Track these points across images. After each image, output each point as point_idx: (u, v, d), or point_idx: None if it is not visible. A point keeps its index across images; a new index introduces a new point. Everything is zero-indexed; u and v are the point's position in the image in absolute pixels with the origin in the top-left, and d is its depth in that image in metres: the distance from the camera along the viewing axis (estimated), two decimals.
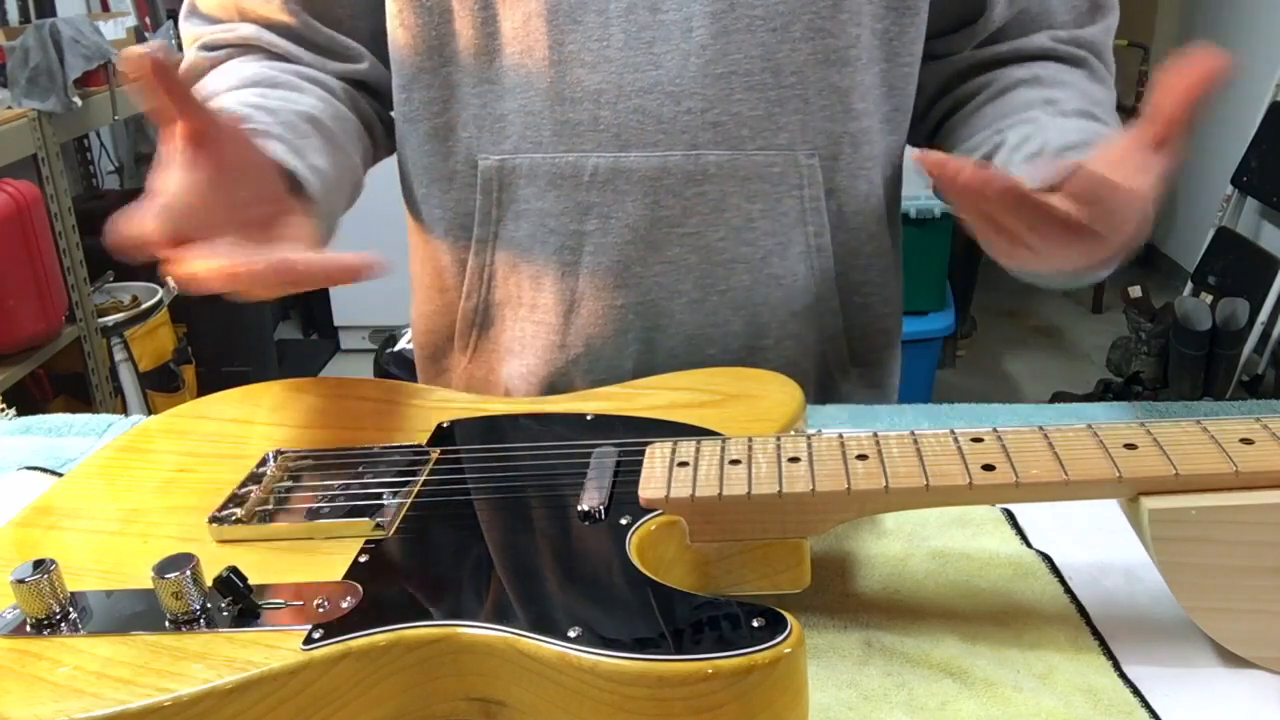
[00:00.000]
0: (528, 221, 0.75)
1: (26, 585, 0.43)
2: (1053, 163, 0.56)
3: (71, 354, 2.36)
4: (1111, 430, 0.48)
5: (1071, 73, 0.76)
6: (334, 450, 0.57)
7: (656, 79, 0.70)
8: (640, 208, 0.72)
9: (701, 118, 0.70)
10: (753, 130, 0.71)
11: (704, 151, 0.71)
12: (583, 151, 0.72)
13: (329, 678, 0.41)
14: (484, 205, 0.76)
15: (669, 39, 0.69)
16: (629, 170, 0.72)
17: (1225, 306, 2.60)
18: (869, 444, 0.50)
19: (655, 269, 0.74)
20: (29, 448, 0.73)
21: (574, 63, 0.70)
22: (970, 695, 0.46)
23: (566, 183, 0.73)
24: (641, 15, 0.69)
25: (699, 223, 0.73)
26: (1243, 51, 3.15)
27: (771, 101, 0.71)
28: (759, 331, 0.77)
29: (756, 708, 0.38)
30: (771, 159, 0.72)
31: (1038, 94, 0.74)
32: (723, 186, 0.72)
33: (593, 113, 0.71)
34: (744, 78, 0.70)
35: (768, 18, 0.69)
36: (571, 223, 0.74)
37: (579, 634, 0.40)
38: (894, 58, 0.74)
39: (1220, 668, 0.47)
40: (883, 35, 0.73)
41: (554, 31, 0.70)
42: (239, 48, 0.79)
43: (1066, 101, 0.72)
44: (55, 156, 2.28)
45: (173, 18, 3.15)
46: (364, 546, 0.48)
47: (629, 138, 0.71)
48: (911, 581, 0.54)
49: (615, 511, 0.49)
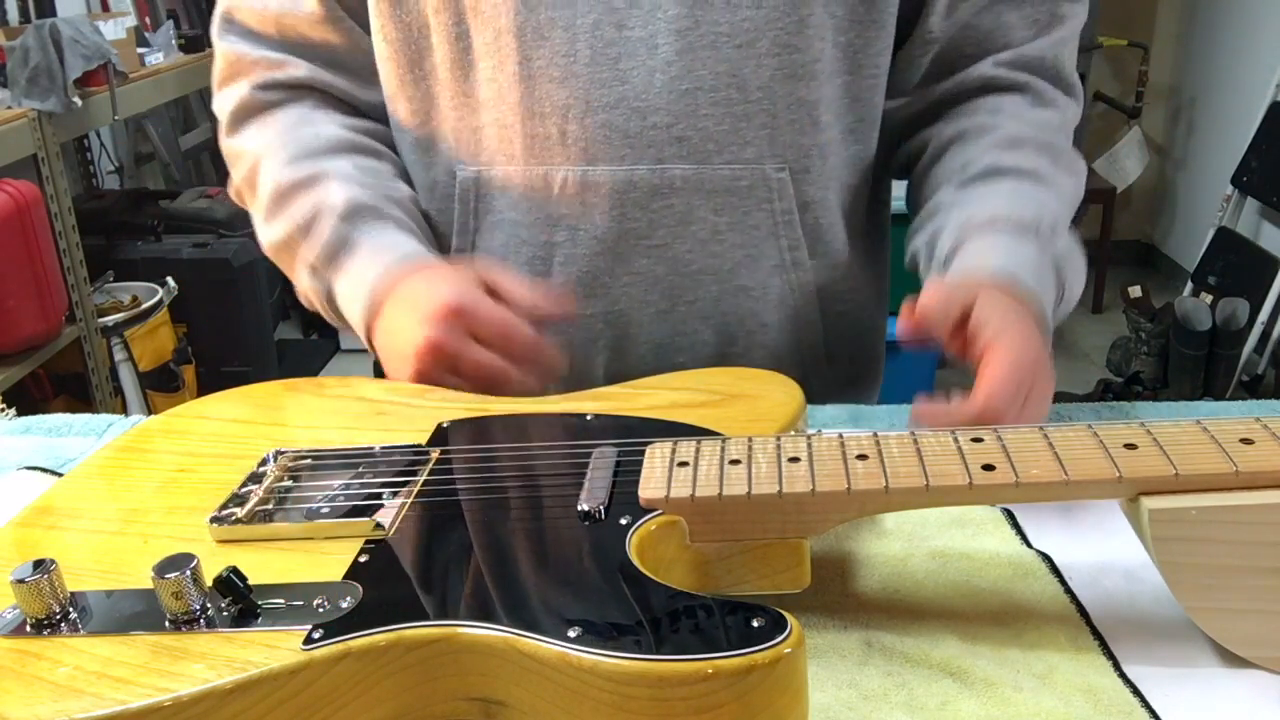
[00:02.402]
0: (501, 232, 0.77)
1: (26, 585, 0.43)
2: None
3: (71, 354, 2.36)
4: (1111, 430, 0.48)
5: (1003, 106, 0.76)
6: (334, 450, 0.57)
7: (622, 94, 0.71)
8: (607, 220, 0.73)
9: (667, 132, 0.71)
10: (719, 144, 0.72)
11: (669, 165, 0.72)
12: (552, 164, 0.73)
13: (329, 678, 0.41)
14: (461, 215, 0.77)
15: (635, 55, 0.70)
16: (596, 183, 0.73)
17: (1225, 306, 2.60)
18: (869, 444, 0.50)
19: (623, 280, 0.75)
20: (29, 448, 0.73)
21: (542, 78, 0.71)
22: (970, 695, 0.46)
23: (537, 195, 0.74)
24: (607, 32, 0.70)
25: (665, 235, 0.74)
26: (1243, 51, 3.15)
27: (737, 116, 0.72)
28: (728, 339, 0.77)
29: (756, 708, 0.38)
30: (738, 173, 0.73)
31: (956, 159, 0.75)
32: (689, 200, 0.73)
33: (561, 127, 0.72)
34: (709, 93, 0.71)
35: (732, 34, 0.70)
36: (542, 234, 0.75)
37: (579, 634, 0.40)
38: (858, 70, 0.74)
39: (1220, 668, 0.47)
40: (846, 48, 0.73)
41: (523, 47, 0.71)
42: (293, 90, 0.80)
43: (976, 160, 0.74)
44: (55, 156, 2.28)
45: (172, 18, 3.15)
46: (364, 546, 0.48)
47: (596, 152, 0.72)
48: (911, 581, 0.54)
49: (615, 511, 0.49)
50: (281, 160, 0.77)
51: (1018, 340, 0.60)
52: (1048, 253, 0.69)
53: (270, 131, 0.79)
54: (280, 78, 0.79)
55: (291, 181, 0.76)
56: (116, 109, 2.45)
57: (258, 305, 2.79)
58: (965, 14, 0.75)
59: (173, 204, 2.81)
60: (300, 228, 0.76)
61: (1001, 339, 0.60)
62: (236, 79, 0.81)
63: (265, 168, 0.78)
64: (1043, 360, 0.62)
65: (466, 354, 0.65)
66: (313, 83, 0.80)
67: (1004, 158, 0.73)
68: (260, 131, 0.80)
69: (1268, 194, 2.80)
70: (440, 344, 0.65)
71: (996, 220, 0.70)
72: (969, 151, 0.75)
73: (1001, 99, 0.77)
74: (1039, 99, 0.77)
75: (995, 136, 0.75)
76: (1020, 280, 0.65)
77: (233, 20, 0.80)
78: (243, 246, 2.69)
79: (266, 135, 0.79)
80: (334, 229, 0.74)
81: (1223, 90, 3.27)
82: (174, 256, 2.66)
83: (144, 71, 2.68)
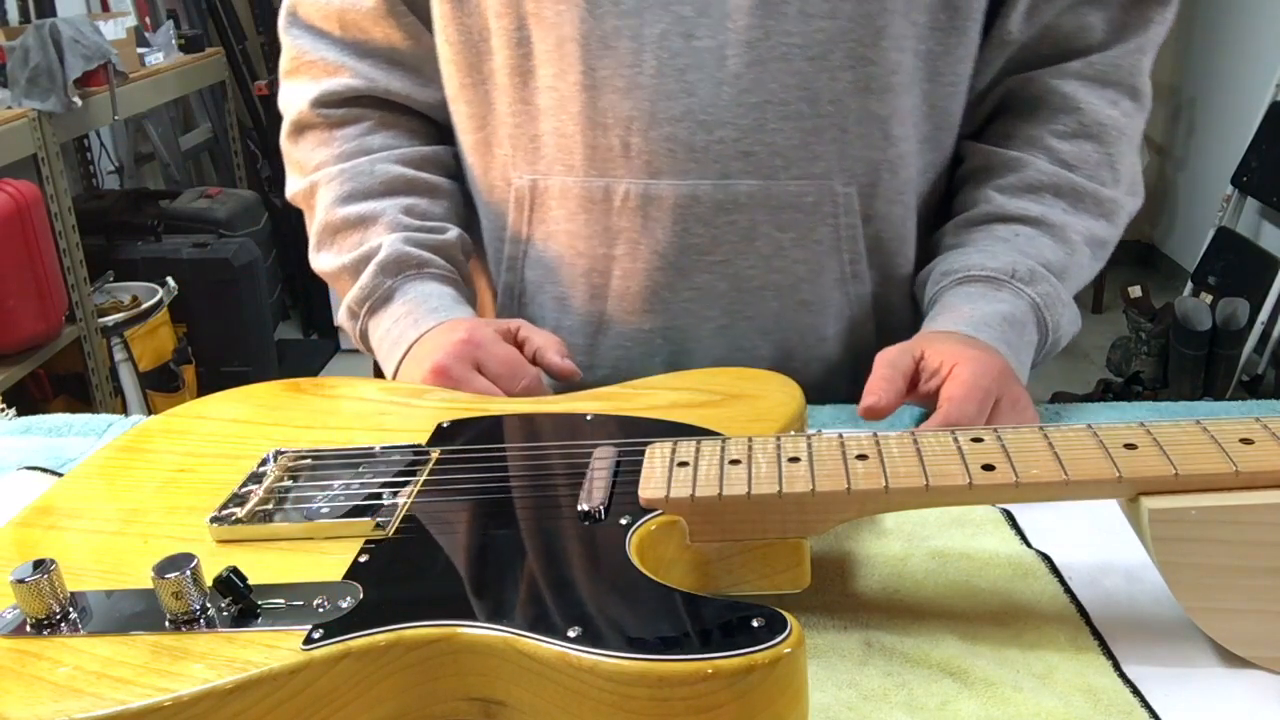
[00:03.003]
0: (556, 243, 0.75)
1: (26, 585, 0.43)
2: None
3: (71, 354, 2.36)
4: (1111, 430, 0.48)
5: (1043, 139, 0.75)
6: (334, 450, 0.57)
7: (689, 107, 0.69)
8: (670, 235, 0.72)
9: (734, 147, 0.69)
10: (787, 160, 0.70)
11: (735, 180, 0.70)
12: (614, 177, 0.71)
13: (329, 678, 0.41)
14: (516, 222, 0.76)
15: (702, 67, 0.68)
16: (659, 197, 0.71)
17: (1225, 306, 2.60)
18: (869, 444, 0.50)
19: (684, 295, 0.74)
20: (29, 448, 0.73)
21: (606, 88, 0.69)
22: (970, 695, 0.46)
23: (596, 207, 0.72)
24: (675, 43, 0.68)
25: (728, 250, 0.72)
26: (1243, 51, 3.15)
27: (807, 131, 0.69)
28: (785, 354, 0.76)
29: (756, 708, 0.38)
30: (805, 188, 0.71)
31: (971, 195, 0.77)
32: (753, 215, 0.71)
33: (624, 139, 0.70)
34: (779, 107, 0.69)
35: (805, 46, 0.68)
36: (600, 246, 0.74)
37: (579, 634, 0.40)
38: (937, 78, 0.72)
39: (1220, 668, 0.47)
40: (926, 56, 0.71)
41: (587, 57, 0.69)
42: (352, 103, 0.80)
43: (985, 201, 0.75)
44: (55, 156, 2.28)
45: (172, 17, 3.15)
46: (364, 546, 0.48)
47: (660, 165, 0.70)
48: (911, 581, 0.54)
49: (615, 511, 0.49)
50: (335, 195, 0.78)
51: (975, 357, 0.62)
52: (1024, 299, 0.70)
53: (327, 152, 0.80)
54: (337, 88, 0.79)
55: (343, 218, 0.78)
56: (116, 109, 2.45)
57: (258, 305, 2.79)
58: (1048, 14, 0.73)
59: (173, 204, 2.81)
60: (345, 268, 0.78)
61: (958, 363, 0.62)
62: (298, 76, 0.81)
63: (321, 196, 0.79)
64: (1006, 369, 0.63)
65: (468, 382, 0.66)
66: (371, 91, 0.79)
67: (1011, 204, 0.74)
68: (317, 151, 0.80)
69: (1268, 194, 2.80)
70: (445, 369, 0.66)
71: (972, 272, 0.71)
72: (984, 190, 0.75)
73: (1044, 129, 0.75)
74: (1084, 129, 0.74)
75: (1015, 178, 0.74)
76: (976, 332, 0.67)
77: (297, 15, 0.80)
78: (243, 246, 2.69)
79: (323, 156, 0.80)
80: (374, 278, 0.76)
81: (1223, 90, 3.27)
82: (174, 256, 2.66)
83: (144, 71, 2.68)
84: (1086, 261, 0.75)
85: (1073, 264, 0.73)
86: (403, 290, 0.76)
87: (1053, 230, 0.73)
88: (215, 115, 3.41)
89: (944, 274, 0.73)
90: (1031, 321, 0.70)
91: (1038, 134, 0.75)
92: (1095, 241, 0.75)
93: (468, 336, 0.68)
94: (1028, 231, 0.73)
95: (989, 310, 0.69)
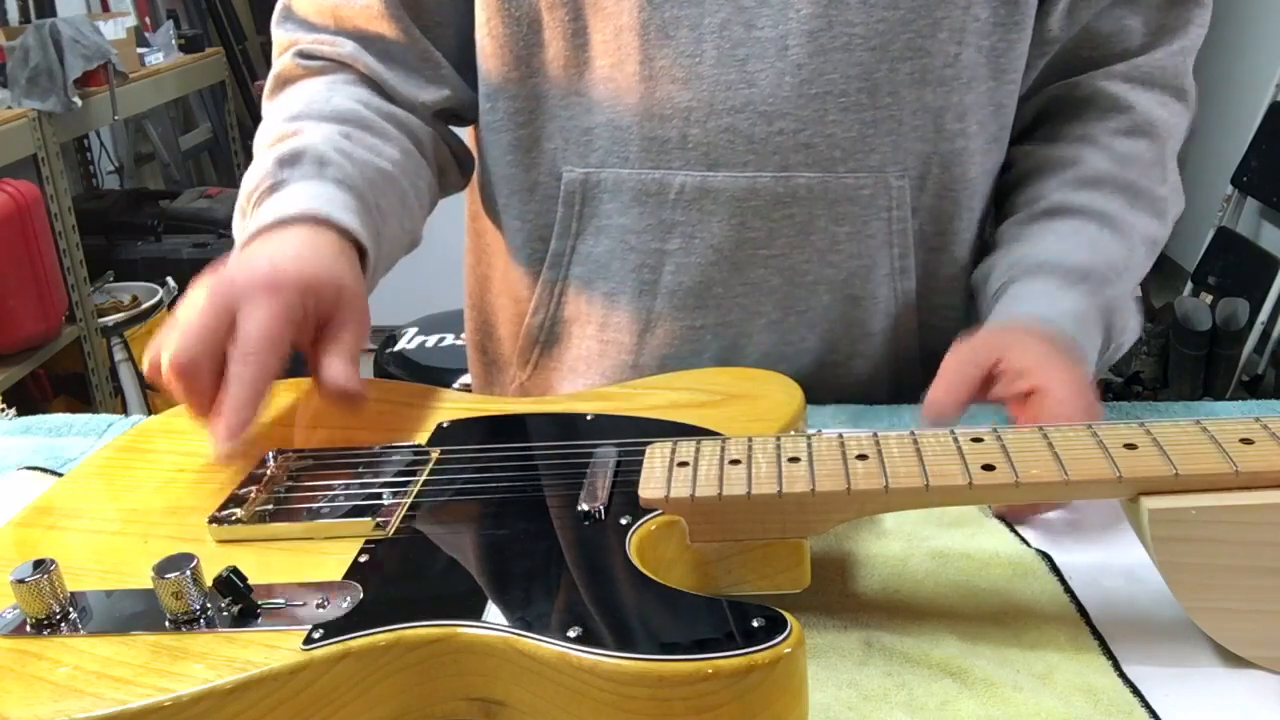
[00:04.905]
0: (608, 237, 0.74)
1: (26, 585, 0.43)
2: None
3: (71, 354, 2.36)
4: (1111, 430, 0.48)
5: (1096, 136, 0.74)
6: (334, 450, 0.57)
7: (749, 98, 0.68)
8: (726, 228, 0.70)
9: (794, 139, 0.68)
10: (845, 152, 0.69)
11: (794, 173, 0.69)
12: (670, 169, 0.70)
13: (329, 678, 0.41)
14: (564, 218, 0.75)
15: (763, 57, 0.67)
16: (716, 190, 0.70)
17: (1225, 306, 2.60)
18: (869, 444, 0.50)
19: (737, 290, 0.72)
20: (29, 448, 0.73)
21: (664, 79, 0.68)
22: (970, 695, 0.46)
23: (651, 200, 0.71)
24: (736, 32, 0.67)
25: (784, 244, 0.71)
26: (1243, 51, 3.15)
27: (866, 123, 0.69)
28: (831, 348, 0.75)
29: (756, 708, 0.38)
30: (862, 181, 0.70)
31: (1031, 190, 0.75)
32: (811, 209, 0.70)
33: (682, 130, 0.69)
34: (839, 98, 0.68)
35: (867, 36, 0.67)
36: (654, 241, 0.72)
37: (579, 634, 0.40)
38: (1000, 75, 0.71)
39: (1220, 668, 0.47)
40: (989, 53, 0.70)
41: (645, 46, 0.68)
42: (334, 63, 0.76)
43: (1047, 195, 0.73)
44: (55, 156, 2.28)
45: (172, 17, 3.15)
46: (364, 546, 0.48)
47: (718, 157, 0.69)
48: (911, 581, 0.54)
49: (615, 511, 0.49)
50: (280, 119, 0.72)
51: (1065, 369, 0.60)
52: (1096, 300, 0.68)
53: (295, 95, 0.75)
54: (325, 50, 0.76)
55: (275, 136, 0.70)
56: (116, 109, 2.45)
57: None
58: (1086, 15, 0.72)
59: (173, 204, 2.81)
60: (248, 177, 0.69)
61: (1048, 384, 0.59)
62: (287, 52, 0.78)
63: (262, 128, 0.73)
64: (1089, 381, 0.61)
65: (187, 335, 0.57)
66: (356, 62, 0.75)
67: (1074, 197, 0.72)
68: (289, 99, 0.75)
69: (1268, 194, 2.80)
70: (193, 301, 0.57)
71: (1045, 264, 0.69)
72: (1044, 185, 0.74)
73: (1097, 127, 0.74)
74: (1137, 128, 0.74)
75: (1074, 172, 0.73)
76: (1058, 328, 0.64)
77: (291, 10, 0.79)
78: None
79: (290, 99, 0.75)
80: (271, 170, 0.66)
81: (1223, 90, 3.27)
82: (174, 256, 2.66)
83: (144, 71, 2.68)
84: (1142, 260, 0.73)
85: (1133, 262, 0.72)
86: (294, 185, 0.65)
87: (1115, 226, 0.72)
88: (215, 115, 3.41)
89: (1012, 264, 0.71)
90: (1098, 325, 0.68)
91: (1091, 131, 0.75)
92: (1150, 240, 0.74)
93: (281, 272, 0.56)
94: (1092, 228, 0.71)
95: (1065, 308, 0.67)
